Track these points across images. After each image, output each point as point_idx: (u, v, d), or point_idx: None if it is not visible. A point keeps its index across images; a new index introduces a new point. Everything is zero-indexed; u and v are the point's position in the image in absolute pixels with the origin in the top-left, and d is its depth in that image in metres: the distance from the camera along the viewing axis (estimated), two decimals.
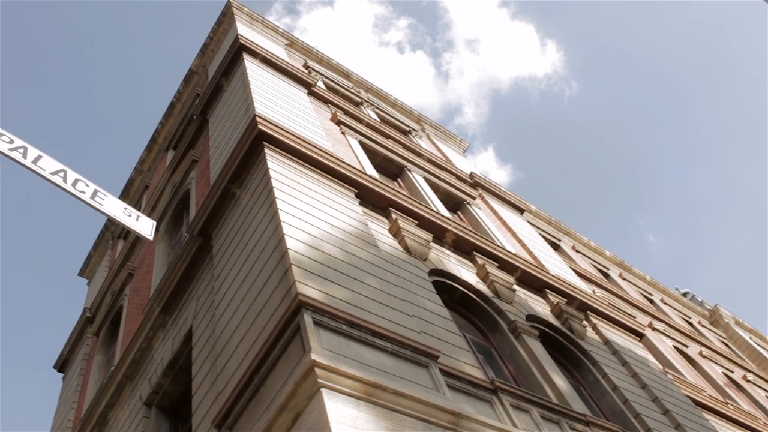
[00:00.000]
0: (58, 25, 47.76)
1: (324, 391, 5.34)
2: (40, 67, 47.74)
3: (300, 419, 5.46)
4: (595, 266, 21.73)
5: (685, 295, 29.66)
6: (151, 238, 4.47)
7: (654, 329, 18.56)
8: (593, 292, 15.38)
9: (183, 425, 9.70)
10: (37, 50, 47.16)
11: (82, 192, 4.18)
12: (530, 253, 14.08)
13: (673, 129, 63.39)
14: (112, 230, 20.28)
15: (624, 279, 23.00)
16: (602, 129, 64.45)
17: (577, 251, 21.35)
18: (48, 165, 4.14)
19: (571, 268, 16.22)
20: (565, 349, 11.04)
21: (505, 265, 11.62)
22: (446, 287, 9.99)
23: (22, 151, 4.06)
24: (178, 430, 9.84)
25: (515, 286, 11.30)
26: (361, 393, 5.54)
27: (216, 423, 6.56)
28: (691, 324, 24.57)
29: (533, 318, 10.87)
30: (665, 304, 24.36)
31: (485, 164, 63.19)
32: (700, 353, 20.40)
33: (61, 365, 17.75)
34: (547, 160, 65.34)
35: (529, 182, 64.86)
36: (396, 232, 10.03)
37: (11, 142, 4.05)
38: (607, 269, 22.66)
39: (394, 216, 10.28)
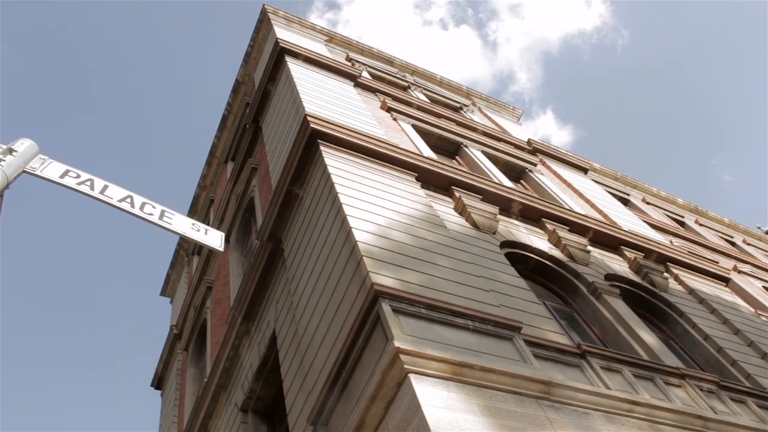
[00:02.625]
0: (104, 54, 49.07)
1: (412, 376, 5.38)
2: (99, 100, 49.17)
3: (392, 407, 5.52)
4: (668, 216, 21.16)
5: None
6: (221, 249, 4.56)
7: (740, 272, 17.97)
8: (670, 242, 15.00)
9: (280, 426, 9.91)
10: (90, 85, 48.61)
11: (150, 214, 4.29)
12: (600, 211, 13.83)
13: (735, 61, 60.99)
14: (186, 247, 20.79)
15: (701, 225, 22.33)
16: (661, 73, 62.51)
17: (648, 203, 20.83)
18: (115, 193, 4.26)
19: (644, 221, 15.84)
20: (649, 304, 10.82)
21: (576, 228, 11.45)
22: (519, 258, 9.91)
23: (89, 183, 4.19)
24: (276, 431, 10.05)
25: (589, 247, 11.13)
26: (448, 374, 5.56)
27: (311, 420, 6.69)
28: None
29: (612, 277, 10.69)
30: (748, 244, 23.54)
31: (545, 128, 62.16)
32: None
33: (158, 382, 18.37)
34: (608, 114, 63.86)
35: (592, 139, 63.54)
36: (461, 209, 9.99)
37: (78, 176, 4.18)
38: (682, 217, 22.04)
39: (457, 194, 10.24)
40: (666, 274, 11.81)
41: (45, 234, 47.65)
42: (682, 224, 21.51)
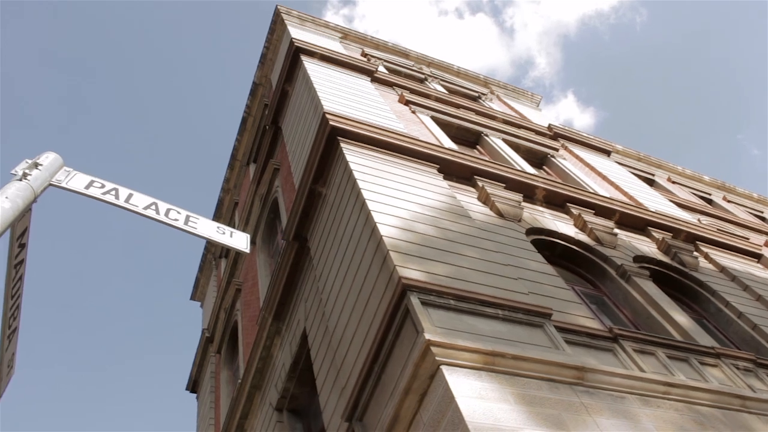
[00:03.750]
0: (119, 64, 49.53)
1: (444, 368, 5.38)
2: (118, 110, 49.68)
3: (426, 399, 5.53)
4: (695, 194, 20.92)
5: None
6: (247, 251, 4.58)
7: None
8: (698, 220, 14.83)
9: (315, 424, 9.96)
10: (108, 96, 49.10)
11: (176, 220, 4.32)
12: (625, 193, 13.71)
13: (758, 32, 59.90)
14: (213, 251, 20.95)
15: (729, 201, 22.03)
16: (682, 49, 61.53)
17: (673, 182, 20.61)
18: (139, 201, 4.30)
19: (671, 201, 15.66)
20: (679, 284, 10.71)
21: (601, 211, 11.36)
22: (546, 244, 9.86)
23: (114, 193, 4.23)
24: (311, 428, 10.11)
25: (616, 230, 11.04)
26: (480, 363, 5.56)
27: (346, 416, 6.72)
28: None
29: (641, 258, 10.60)
30: None
31: (567, 111, 61.59)
32: None
33: (193, 386, 18.56)
34: (630, 93, 63.06)
35: (615, 120, 62.82)
36: (485, 198, 9.96)
37: (102, 186, 4.22)
38: (709, 194, 21.77)
39: (480, 183, 10.20)
40: (696, 253, 11.68)
41: (74, 245, 48.29)
42: (710, 202, 21.27)
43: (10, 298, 3.83)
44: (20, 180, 3.74)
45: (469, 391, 5.21)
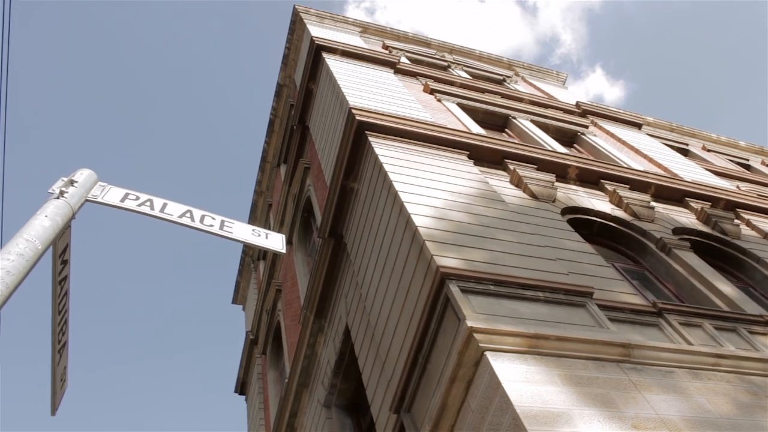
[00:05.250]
0: (143, 75, 50.10)
1: (488, 354, 5.38)
2: (149, 122, 50.28)
3: (472, 386, 5.53)
4: (732, 161, 20.54)
5: None
6: (283, 251, 4.61)
7: None
8: (737, 187, 14.56)
9: (364, 418, 10.02)
10: (137, 108, 49.72)
11: (211, 226, 4.37)
12: (659, 165, 13.52)
13: None
14: (251, 254, 21.14)
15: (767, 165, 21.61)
16: (710, 12, 60.29)
17: (708, 150, 20.25)
18: (174, 210, 4.36)
19: (707, 170, 15.41)
20: (722, 253, 10.54)
21: (636, 185, 11.22)
22: (583, 222, 9.78)
23: (148, 204, 4.29)
24: (361, 423, 10.17)
25: (653, 203, 10.90)
26: (524, 347, 5.54)
27: (394, 408, 6.74)
28: None
29: (680, 230, 10.44)
30: None
31: (596, 86, 60.80)
32: None
33: (241, 388, 18.77)
34: (659, 63, 62.02)
35: (646, 91, 61.89)
36: (517, 181, 9.90)
37: (137, 198, 4.29)
38: (747, 160, 21.34)
39: (511, 166, 10.15)
40: (737, 221, 11.47)
41: (112, 256, 49.08)
42: (748, 167, 20.86)
43: (58, 314, 3.91)
44: (57, 198, 3.82)
45: (515, 375, 5.20)
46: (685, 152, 18.65)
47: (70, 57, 46.42)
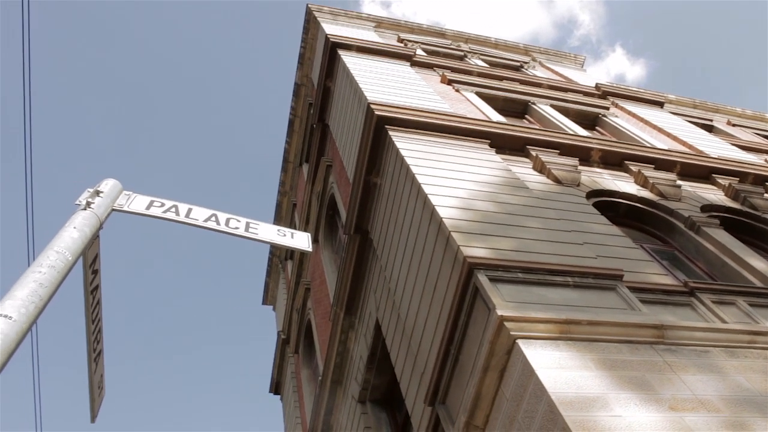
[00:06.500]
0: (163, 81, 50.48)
1: (520, 342, 5.36)
2: (169, 130, 50.71)
3: (506, 375, 5.52)
4: (758, 134, 20.23)
5: None
6: (310, 249, 4.63)
7: None
8: (766, 161, 14.35)
9: (399, 411, 10.04)
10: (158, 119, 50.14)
11: (236, 228, 4.40)
12: (684, 143, 13.36)
13: None
14: (278, 254, 21.25)
15: None
16: None
17: (734, 125, 19.96)
18: (199, 214, 4.40)
19: (733, 145, 15.19)
20: (753, 228, 10.38)
21: (661, 164, 11.10)
22: (608, 205, 9.70)
23: (174, 210, 4.33)
24: (396, 416, 10.19)
25: (679, 182, 10.77)
26: (556, 333, 5.51)
27: (428, 401, 6.75)
28: None
29: (708, 207, 10.31)
30: None
31: (617, 66, 60.11)
32: None
33: (276, 388, 18.90)
34: (679, 39, 61.16)
35: (667, 69, 61.05)
36: (540, 167, 9.85)
37: (162, 205, 4.33)
38: None
39: (533, 153, 10.09)
40: (767, 195, 11.31)
41: (136, 265, 49.61)
42: None
43: (91, 323, 3.96)
44: (84, 209, 3.87)
45: (548, 362, 5.18)
46: (709, 128, 18.41)
47: (85, 61, 46.93)
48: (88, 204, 3.91)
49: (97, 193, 4.05)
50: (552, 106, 13.90)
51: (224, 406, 48.85)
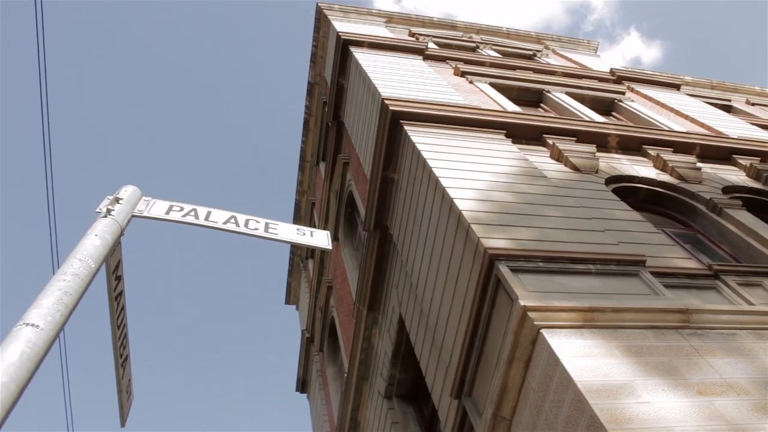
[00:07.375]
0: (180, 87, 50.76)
1: (544, 331, 5.34)
2: (187, 134, 50.99)
3: (531, 365, 5.50)
4: None
5: None
6: (330, 247, 4.64)
7: None
8: None
9: (426, 406, 10.04)
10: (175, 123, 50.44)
11: (255, 229, 4.42)
12: (702, 125, 13.23)
13: None
14: (299, 254, 21.32)
15: None
16: None
17: (753, 104, 19.71)
18: (218, 217, 4.42)
19: (753, 124, 15.02)
20: None
21: (680, 147, 11.00)
22: (628, 190, 9.62)
23: (193, 214, 4.36)
24: (423, 411, 10.19)
25: (699, 164, 10.66)
26: (580, 321, 5.49)
27: (454, 394, 6.75)
28: None
29: (730, 189, 10.20)
30: None
31: (632, 49, 59.49)
32: None
33: (302, 387, 19.00)
34: (695, 19, 60.44)
35: (683, 49, 60.33)
36: (558, 155, 9.79)
37: (181, 209, 4.36)
38: None
39: (550, 141, 10.04)
40: None
41: (159, 268, 49.98)
42: None
43: (117, 329, 4.00)
44: (105, 216, 3.90)
45: (574, 350, 5.15)
46: (728, 108, 18.19)
47: (97, 66, 47.31)
48: (109, 211, 3.95)
49: (117, 200, 4.09)
50: (567, 93, 13.82)
51: (252, 404, 49.19)
